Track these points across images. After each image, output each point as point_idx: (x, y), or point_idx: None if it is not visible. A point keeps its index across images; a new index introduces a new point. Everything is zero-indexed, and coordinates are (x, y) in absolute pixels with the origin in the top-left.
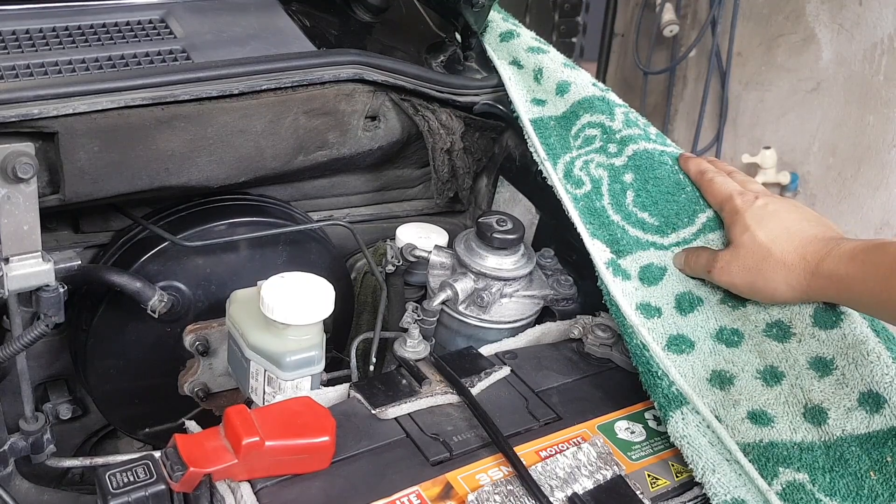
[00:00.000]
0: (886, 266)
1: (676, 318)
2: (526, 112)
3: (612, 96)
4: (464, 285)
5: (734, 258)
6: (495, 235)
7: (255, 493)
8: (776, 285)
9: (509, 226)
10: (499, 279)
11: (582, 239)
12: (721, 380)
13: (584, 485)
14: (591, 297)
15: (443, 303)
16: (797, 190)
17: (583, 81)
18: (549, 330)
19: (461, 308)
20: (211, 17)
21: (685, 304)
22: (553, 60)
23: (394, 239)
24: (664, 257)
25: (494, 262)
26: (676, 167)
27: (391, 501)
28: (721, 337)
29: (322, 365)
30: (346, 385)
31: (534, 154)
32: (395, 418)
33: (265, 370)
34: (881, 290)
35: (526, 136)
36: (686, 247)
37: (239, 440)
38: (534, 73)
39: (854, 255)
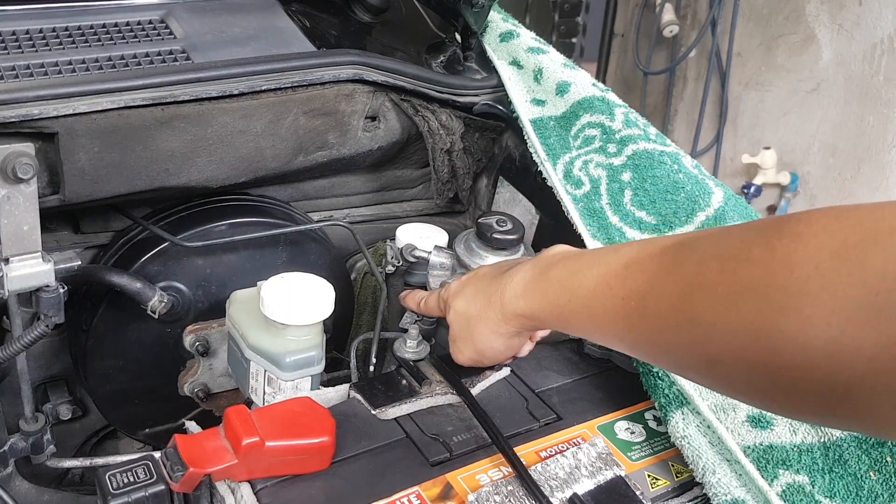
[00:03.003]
0: (554, 293)
1: None
2: (526, 112)
3: (612, 96)
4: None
5: (454, 337)
6: (495, 236)
7: (255, 494)
8: (489, 339)
9: (509, 226)
10: None
11: (582, 239)
12: None
13: (585, 485)
14: None
15: None
16: (797, 190)
17: (583, 82)
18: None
19: None
20: (211, 18)
21: None
22: (553, 61)
23: (394, 239)
24: None
25: (494, 263)
26: (675, 167)
27: (391, 502)
28: None
29: (322, 365)
30: (346, 385)
31: (533, 154)
32: (395, 419)
33: (265, 370)
34: (556, 315)
35: (526, 137)
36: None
37: (239, 440)
38: (534, 74)
39: (525, 288)
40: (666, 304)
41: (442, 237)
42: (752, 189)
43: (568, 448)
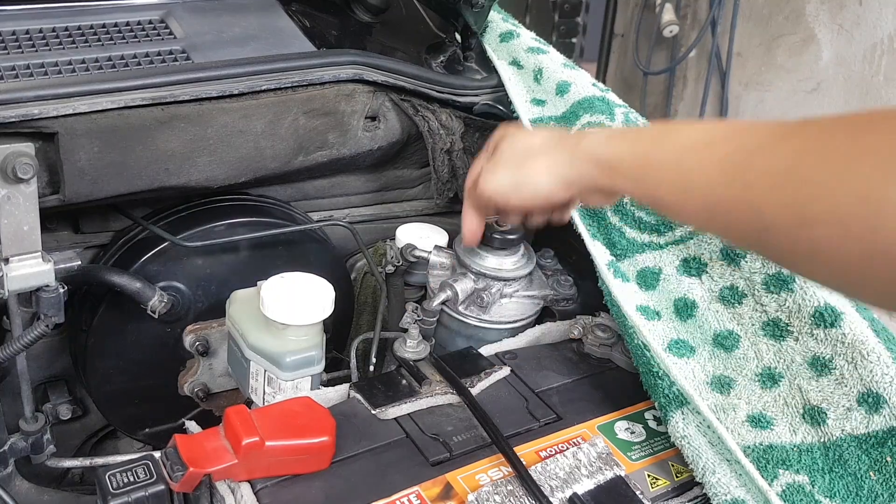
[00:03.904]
0: (645, 142)
1: (676, 323)
2: (526, 112)
3: (612, 96)
4: (464, 285)
5: (497, 161)
6: (495, 235)
7: (254, 493)
8: (539, 175)
9: (509, 226)
10: (499, 279)
11: (582, 239)
12: (720, 384)
13: (584, 485)
14: (591, 297)
15: (443, 303)
16: None
17: (583, 82)
18: (549, 330)
19: (461, 308)
20: (211, 18)
21: (683, 310)
22: (553, 61)
23: (394, 239)
24: (660, 259)
25: (494, 263)
26: None
27: (391, 501)
28: (718, 341)
29: (322, 365)
30: (346, 385)
31: None
32: (395, 418)
33: (265, 370)
34: (639, 164)
35: None
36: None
37: (239, 440)
38: (534, 74)
39: (612, 135)
40: (777, 162)
41: (442, 237)
42: None
43: (568, 448)
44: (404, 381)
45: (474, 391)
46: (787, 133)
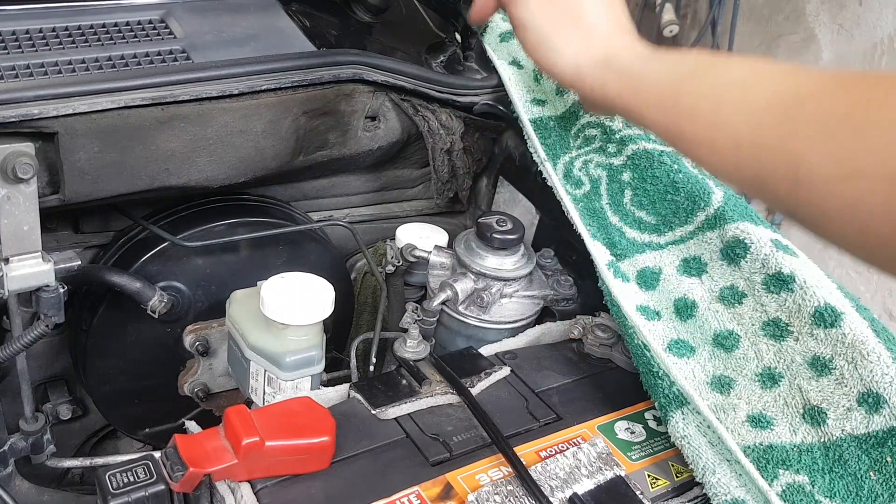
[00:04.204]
0: (687, 67)
1: (676, 324)
2: (526, 112)
3: None
4: (464, 285)
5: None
6: (495, 235)
7: (255, 494)
8: (565, 45)
9: (509, 226)
10: (499, 279)
11: (582, 239)
12: (721, 384)
13: (584, 485)
14: (591, 297)
15: (443, 303)
16: None
17: None
18: (549, 330)
19: (461, 308)
20: (211, 18)
21: (683, 310)
22: None
23: (394, 239)
24: (660, 259)
25: (494, 263)
26: (675, 167)
27: (391, 501)
28: (718, 341)
29: (322, 365)
30: (346, 385)
31: (533, 154)
32: (395, 418)
33: (265, 370)
34: (671, 90)
35: (526, 137)
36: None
37: (239, 440)
38: (534, 73)
39: (653, 54)
40: (829, 109)
41: (442, 237)
42: None
43: (568, 448)
44: (404, 381)
45: (474, 391)
46: (846, 82)
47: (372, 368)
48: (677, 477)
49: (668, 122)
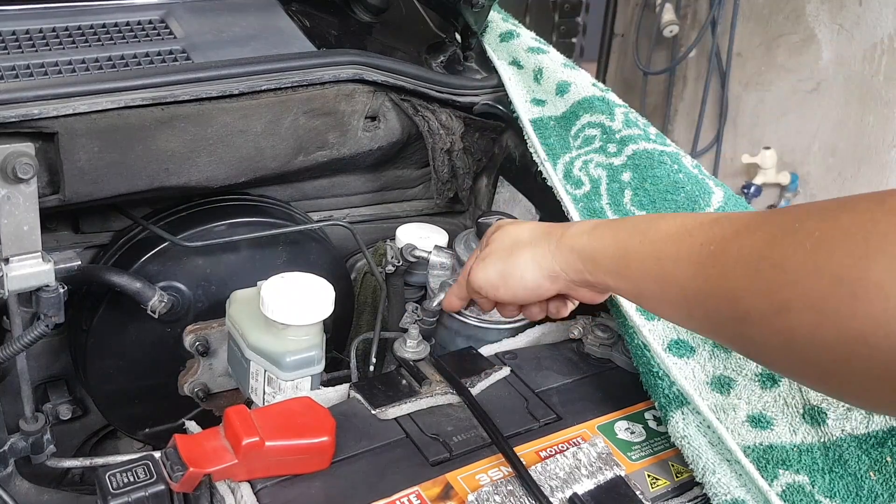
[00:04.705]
0: (625, 234)
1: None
2: (526, 112)
3: (612, 96)
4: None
5: (486, 255)
6: None
7: (255, 494)
8: (525, 267)
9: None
10: None
11: None
12: (721, 384)
13: (584, 485)
14: None
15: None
16: (797, 190)
17: (583, 81)
18: (549, 330)
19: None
20: (211, 18)
21: None
22: (553, 60)
23: (394, 239)
24: None
25: None
26: (675, 167)
27: (391, 501)
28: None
29: (322, 365)
30: (346, 385)
31: (533, 154)
32: (395, 418)
33: (265, 370)
34: (619, 256)
35: (526, 137)
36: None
37: (239, 440)
38: (534, 74)
39: (595, 226)
40: (750, 249)
41: (442, 237)
42: (752, 189)
43: (568, 448)
44: (404, 381)
45: (474, 391)
46: (761, 220)
47: (372, 368)
48: (677, 477)
49: (626, 287)
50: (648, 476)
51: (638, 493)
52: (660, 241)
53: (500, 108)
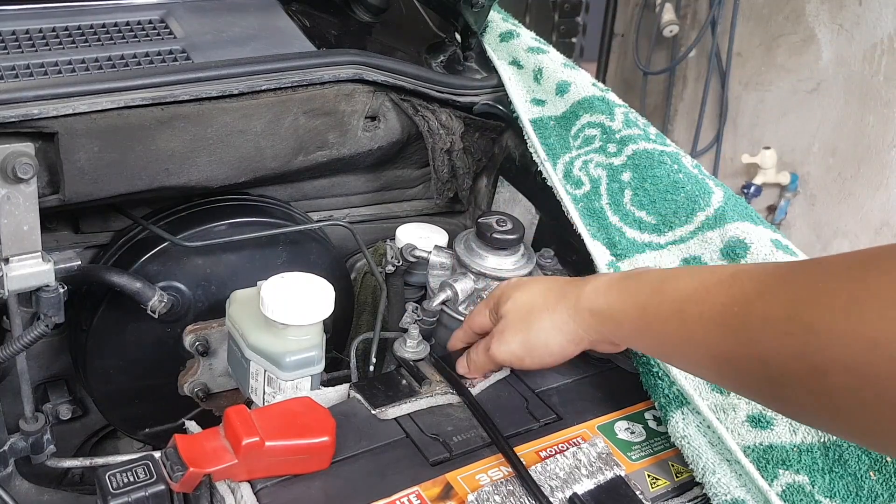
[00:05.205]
0: (644, 294)
1: None
2: (526, 112)
3: (612, 96)
4: (464, 285)
5: (505, 326)
6: (495, 236)
7: (255, 494)
8: (547, 334)
9: (509, 226)
10: (499, 279)
11: (582, 239)
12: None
13: (584, 485)
14: None
15: (443, 303)
16: (797, 190)
17: (583, 81)
18: None
19: (461, 308)
20: (211, 18)
21: None
22: (553, 60)
23: (394, 239)
24: (660, 259)
25: (494, 263)
26: (675, 167)
27: (391, 501)
28: None
29: (322, 365)
30: (346, 385)
31: (533, 154)
32: (395, 418)
33: (265, 370)
34: (639, 317)
35: (526, 137)
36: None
37: (239, 440)
38: (534, 74)
39: (610, 286)
40: (777, 310)
41: (442, 237)
42: (752, 189)
43: (568, 448)
44: (404, 381)
45: (474, 391)
46: (782, 278)
47: (372, 368)
48: (677, 477)
49: (654, 347)
50: (648, 476)
51: (638, 493)
52: (680, 301)
53: (500, 108)
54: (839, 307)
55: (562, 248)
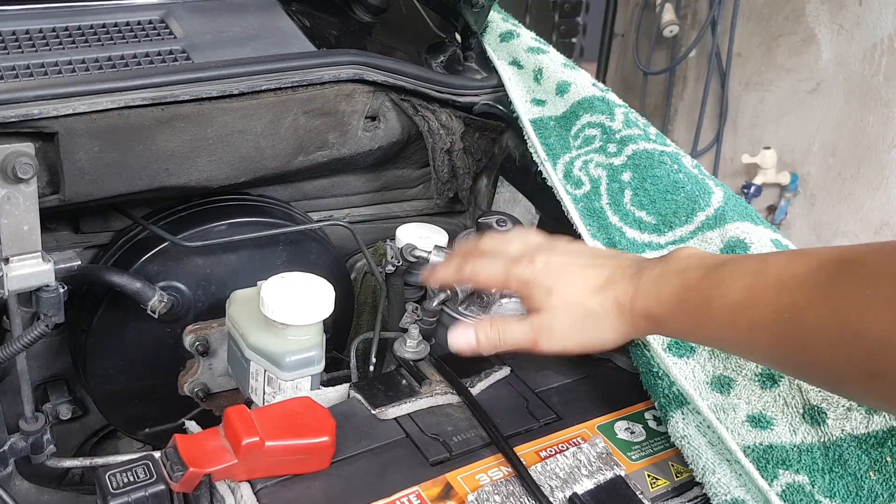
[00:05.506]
0: (693, 299)
1: None
2: (526, 112)
3: (612, 96)
4: (464, 285)
5: (554, 322)
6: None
7: (254, 494)
8: (603, 334)
9: (509, 226)
10: None
11: (582, 239)
12: (720, 384)
13: (584, 485)
14: None
15: (442, 303)
16: (797, 190)
17: (583, 81)
18: None
19: (461, 308)
20: (211, 18)
21: None
22: (553, 61)
23: (394, 239)
24: None
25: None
26: (675, 167)
27: (391, 501)
28: None
29: (322, 365)
30: (346, 385)
31: (533, 154)
32: (395, 418)
33: (265, 370)
34: (694, 324)
35: (526, 137)
36: (483, 319)
37: (239, 440)
38: (534, 74)
39: (660, 293)
40: (827, 318)
41: (442, 237)
42: (752, 189)
43: (568, 448)
44: (404, 381)
45: (474, 391)
46: (831, 282)
47: (372, 368)
48: (677, 477)
49: (701, 340)
50: (648, 476)
51: (638, 493)
52: (728, 309)
53: (500, 108)
54: (886, 313)
55: None
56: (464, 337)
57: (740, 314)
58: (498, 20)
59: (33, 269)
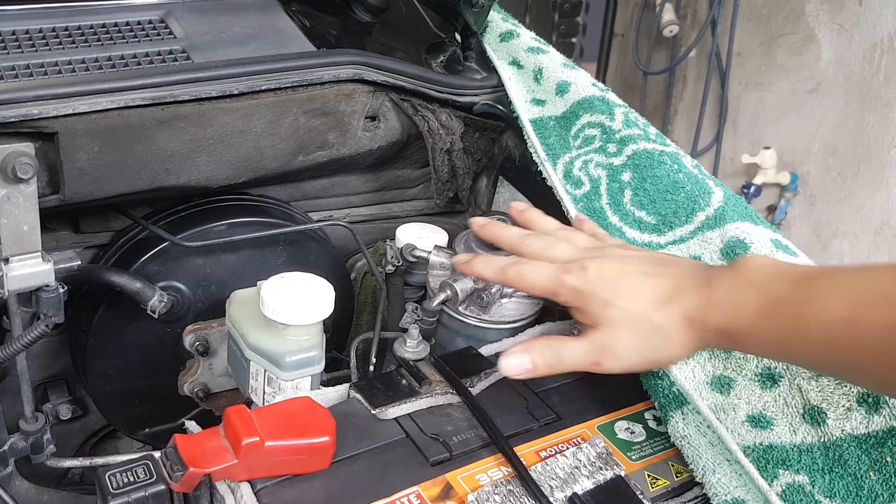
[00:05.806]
0: (784, 315)
1: None
2: (526, 112)
3: (612, 96)
4: (463, 285)
5: (617, 340)
6: None
7: (254, 493)
8: (671, 350)
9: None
10: None
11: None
12: (720, 384)
13: (584, 485)
14: None
15: (442, 303)
16: (797, 190)
17: (582, 81)
18: (549, 330)
19: (461, 308)
20: (211, 18)
21: None
22: (553, 60)
23: (393, 239)
24: None
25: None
26: (675, 167)
27: (391, 501)
28: None
29: (322, 365)
30: (346, 385)
31: (533, 154)
32: (395, 418)
33: (265, 370)
34: (783, 342)
35: (526, 137)
36: (536, 340)
37: (239, 440)
38: (533, 74)
39: (738, 307)
40: None
41: (442, 237)
42: (752, 189)
43: (568, 448)
44: (404, 381)
45: (474, 391)
46: None
47: (372, 368)
48: (677, 477)
49: (787, 358)
50: (648, 476)
51: (638, 493)
52: (827, 330)
53: (500, 108)
54: None
55: None
56: (518, 362)
57: (839, 334)
58: (498, 20)
59: (33, 269)
